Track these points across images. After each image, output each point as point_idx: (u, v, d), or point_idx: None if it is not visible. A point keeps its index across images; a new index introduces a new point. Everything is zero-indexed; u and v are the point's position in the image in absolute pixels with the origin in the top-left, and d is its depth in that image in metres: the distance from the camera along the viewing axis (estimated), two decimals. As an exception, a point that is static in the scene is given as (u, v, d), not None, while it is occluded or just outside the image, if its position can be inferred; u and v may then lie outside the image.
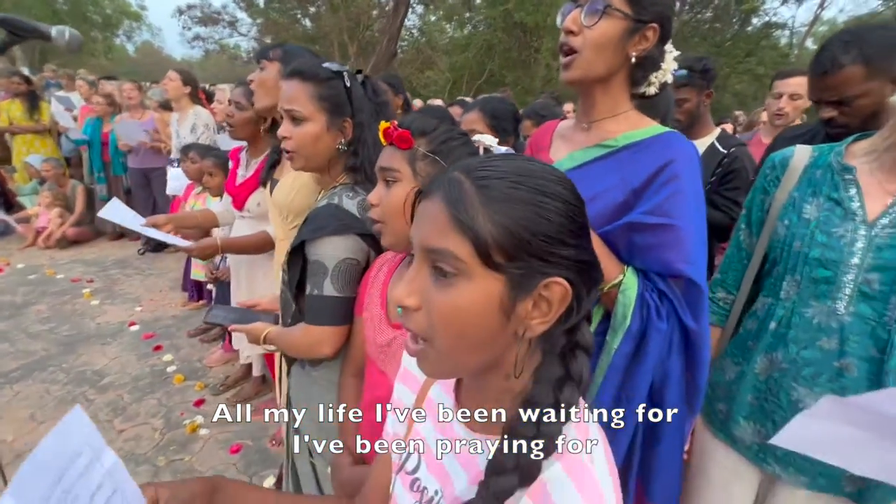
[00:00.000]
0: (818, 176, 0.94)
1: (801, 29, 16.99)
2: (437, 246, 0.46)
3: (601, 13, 0.83)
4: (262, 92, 1.52)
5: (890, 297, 0.83)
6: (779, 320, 0.94)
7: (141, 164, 4.45)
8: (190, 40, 17.26)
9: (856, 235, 0.86)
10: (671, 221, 0.83)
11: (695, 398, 0.92)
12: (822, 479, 0.90)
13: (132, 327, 3.34)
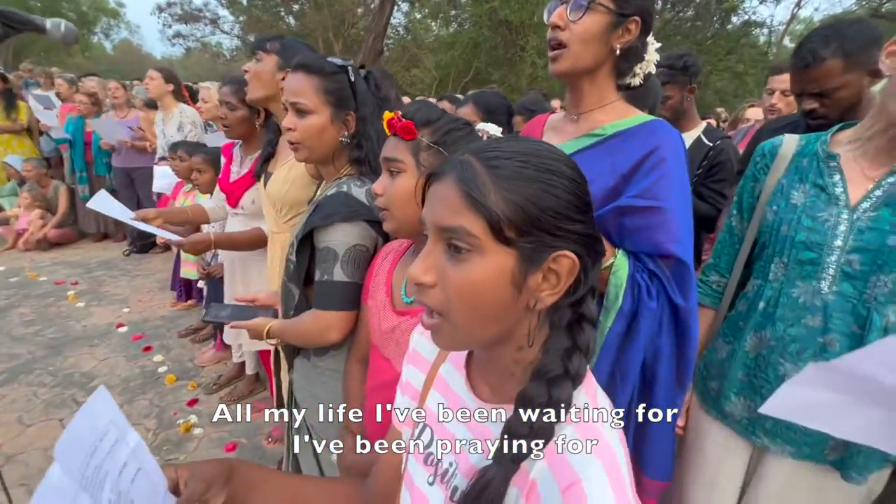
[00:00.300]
0: (805, 164, 0.98)
1: (779, 27, 17.38)
2: (451, 224, 0.49)
3: (585, 8, 0.88)
4: (256, 83, 1.52)
5: (870, 277, 0.88)
6: (767, 300, 0.98)
7: (124, 163, 4.37)
8: (170, 38, 16.91)
9: (839, 219, 0.90)
10: (659, 204, 0.88)
11: (685, 374, 0.96)
12: (807, 448, 0.95)
13: (120, 329, 3.29)
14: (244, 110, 1.83)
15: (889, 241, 0.85)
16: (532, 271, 0.49)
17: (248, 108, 1.83)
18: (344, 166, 1.15)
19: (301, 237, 1.08)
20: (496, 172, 0.48)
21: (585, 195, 0.51)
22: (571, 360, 0.52)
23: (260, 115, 1.87)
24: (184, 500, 0.55)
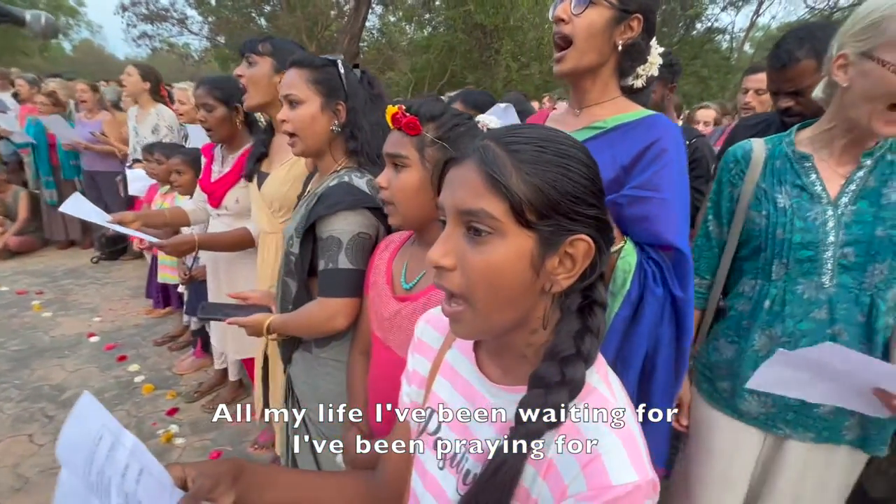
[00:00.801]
0: (778, 165, 1.02)
1: (740, 34, 18.20)
2: (472, 207, 0.49)
3: (588, 2, 0.90)
4: (254, 89, 1.51)
5: (866, 267, 0.93)
6: (773, 299, 1.01)
7: (89, 166, 4.19)
8: (135, 38, 16.30)
9: (826, 217, 0.95)
10: (659, 195, 0.90)
11: (681, 366, 0.98)
12: (826, 432, 1.01)
13: (91, 338, 3.15)
14: (222, 109, 1.79)
15: (877, 233, 0.91)
16: (550, 255, 0.51)
17: (225, 106, 1.79)
18: (341, 158, 1.17)
19: (304, 229, 1.08)
20: (517, 156, 0.49)
21: (599, 181, 0.53)
22: (584, 342, 0.53)
23: (239, 111, 1.84)
24: (191, 496, 0.54)
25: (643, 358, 0.93)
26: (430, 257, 0.53)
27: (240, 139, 1.89)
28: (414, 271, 0.95)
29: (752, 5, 16.55)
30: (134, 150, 3.36)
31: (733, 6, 16.69)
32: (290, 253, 1.15)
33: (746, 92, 2.43)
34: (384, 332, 0.97)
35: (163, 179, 2.59)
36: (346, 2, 16.10)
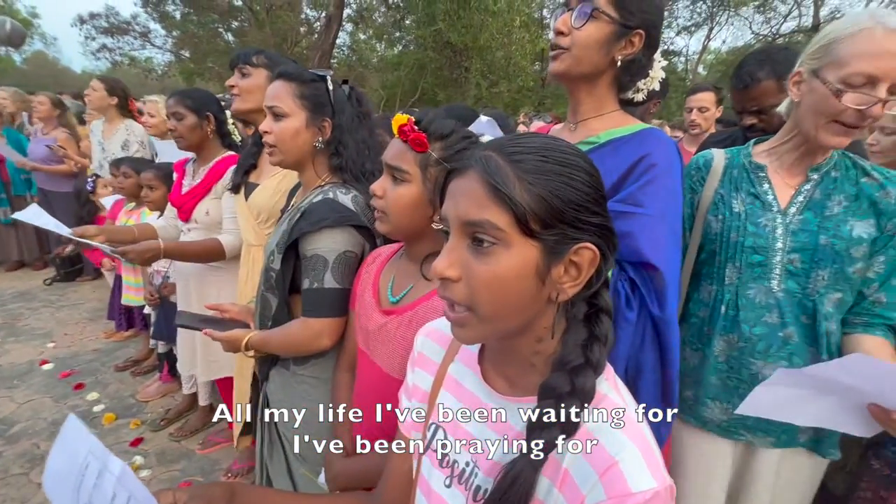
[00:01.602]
0: (736, 174, 1.08)
1: (694, 56, 19.38)
2: (477, 218, 0.49)
3: (589, 16, 0.88)
4: (247, 97, 1.50)
5: (810, 273, 0.97)
6: (727, 304, 1.04)
7: (42, 183, 3.97)
8: (95, 51, 15.73)
9: (775, 224, 1.00)
10: (640, 210, 0.87)
11: (669, 390, 0.92)
12: (784, 436, 1.03)
13: (44, 366, 2.93)
14: (192, 117, 1.76)
15: (821, 241, 0.95)
16: (555, 263, 0.50)
17: (196, 115, 1.75)
18: (324, 173, 1.14)
19: (286, 245, 1.05)
20: (520, 167, 0.49)
21: (602, 188, 0.54)
22: (592, 351, 0.53)
23: (210, 121, 1.80)
24: None
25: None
26: (435, 268, 0.52)
27: (210, 150, 1.84)
28: (401, 285, 0.94)
29: (704, 31, 17.69)
30: (99, 167, 3.18)
31: (687, 31, 17.82)
32: (271, 269, 1.11)
33: (691, 111, 2.60)
34: (370, 345, 0.95)
35: (131, 195, 2.48)
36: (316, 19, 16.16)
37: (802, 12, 15.59)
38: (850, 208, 0.96)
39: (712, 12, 16.80)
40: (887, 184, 0.95)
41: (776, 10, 16.08)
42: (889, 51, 0.82)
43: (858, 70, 0.84)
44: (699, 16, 17.20)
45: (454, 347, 0.69)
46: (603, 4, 0.88)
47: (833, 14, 15.17)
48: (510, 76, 12.87)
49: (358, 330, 0.99)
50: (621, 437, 0.50)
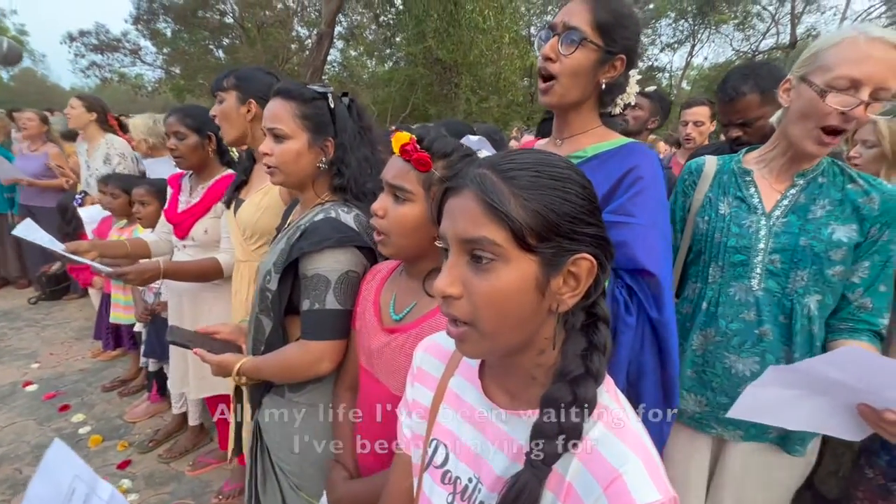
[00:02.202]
0: (725, 179, 1.13)
1: (678, 72, 19.89)
2: (475, 235, 0.50)
3: (577, 44, 0.92)
4: (226, 125, 1.49)
5: (790, 273, 1.01)
6: (709, 300, 1.09)
7: (26, 199, 3.91)
8: (84, 68, 15.70)
9: (759, 225, 1.04)
10: (633, 220, 0.91)
11: (670, 389, 0.95)
12: (753, 430, 1.07)
13: (28, 388, 2.85)
14: (194, 137, 1.75)
15: (801, 242, 1.00)
16: (554, 275, 0.51)
17: (197, 134, 1.75)
18: (324, 192, 1.12)
19: (284, 265, 1.02)
20: (514, 183, 0.50)
21: (595, 199, 0.55)
22: (591, 360, 0.54)
23: (211, 140, 1.79)
24: None
25: (623, 388, 0.93)
26: (436, 287, 0.52)
27: (211, 168, 1.84)
28: (403, 302, 0.93)
29: (687, 47, 18.22)
30: (86, 184, 3.16)
31: (670, 48, 18.33)
32: (267, 289, 1.07)
33: (686, 124, 2.66)
34: (373, 363, 0.93)
35: (120, 212, 2.45)
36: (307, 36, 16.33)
37: (780, 30, 16.17)
38: (832, 212, 1.00)
39: (694, 30, 17.32)
40: (871, 190, 0.99)
41: (755, 28, 16.65)
42: (870, 56, 0.87)
43: (842, 74, 0.89)
44: (681, 33, 17.73)
45: (454, 362, 0.69)
46: (590, 33, 0.92)
47: (809, 32, 15.76)
48: (500, 91, 13.08)
49: (360, 349, 0.97)
50: (624, 448, 0.50)
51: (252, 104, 1.49)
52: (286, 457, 1.09)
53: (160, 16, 15.43)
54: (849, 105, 0.89)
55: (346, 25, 15.23)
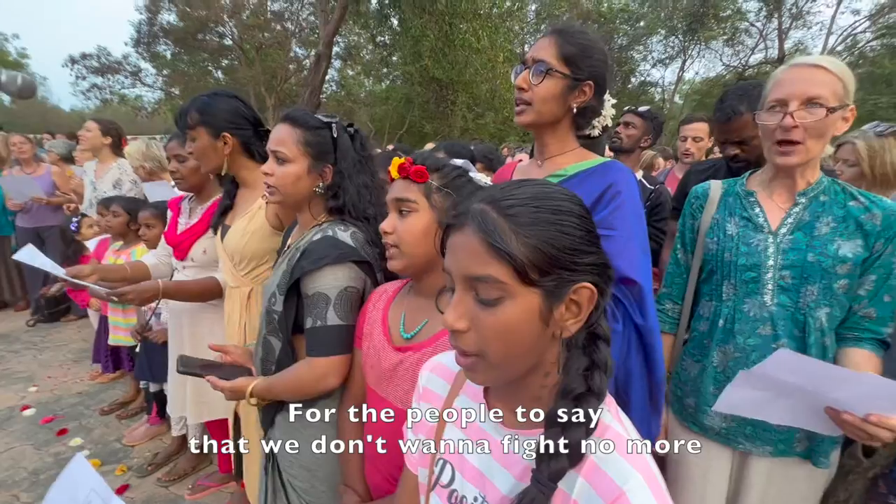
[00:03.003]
0: (731, 201, 1.18)
1: (670, 86, 20.27)
2: (479, 273, 0.52)
3: (544, 74, 1.01)
4: (205, 161, 1.50)
5: (800, 288, 1.04)
6: (725, 318, 1.12)
7: (33, 222, 3.93)
8: (85, 90, 15.92)
9: (766, 243, 1.08)
10: (615, 233, 0.97)
11: (657, 394, 1.01)
12: (781, 445, 1.08)
13: (26, 412, 2.82)
14: (195, 161, 1.78)
15: (809, 258, 1.04)
16: (556, 305, 0.53)
17: None
18: (320, 214, 1.16)
19: (287, 285, 1.05)
20: (514, 220, 0.52)
21: (593, 227, 0.57)
22: (593, 378, 0.55)
23: None
24: None
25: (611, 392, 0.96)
26: (445, 322, 0.54)
27: (210, 189, 1.86)
28: (413, 320, 0.94)
29: (678, 63, 18.58)
30: (90, 205, 3.19)
31: (662, 64, 18.71)
32: (273, 311, 1.10)
33: (685, 140, 2.72)
34: (383, 384, 0.94)
35: (117, 234, 2.46)
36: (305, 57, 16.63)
37: (768, 45, 16.54)
38: (837, 229, 1.04)
39: (684, 46, 17.70)
40: (872, 207, 1.04)
41: (743, 44, 17.04)
42: (785, 80, 1.03)
43: (771, 99, 1.04)
44: (672, 49, 18.11)
45: (459, 382, 0.70)
46: (556, 64, 1.01)
47: (797, 46, 16.12)
48: (495, 108, 13.28)
49: (367, 370, 0.99)
50: (627, 467, 0.51)
51: (227, 137, 1.48)
52: (298, 474, 1.11)
53: (160, 39, 15.73)
54: (775, 119, 1.02)
55: (344, 46, 15.54)
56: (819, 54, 10.93)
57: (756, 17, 16.09)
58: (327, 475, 1.06)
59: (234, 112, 1.49)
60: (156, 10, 15.09)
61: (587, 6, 16.15)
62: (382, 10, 12.29)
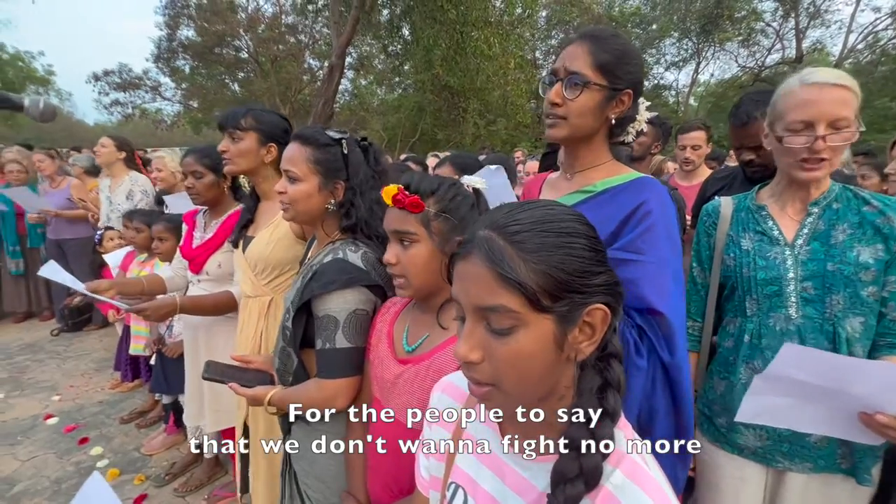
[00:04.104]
0: (743, 216, 1.17)
1: (684, 89, 20.00)
2: (490, 304, 0.51)
3: (581, 88, 0.93)
4: (241, 160, 1.54)
5: (825, 299, 1.02)
6: (751, 333, 1.09)
7: (55, 234, 4.07)
8: (108, 106, 16.45)
9: (784, 256, 1.06)
10: (642, 258, 0.88)
11: (684, 430, 0.92)
12: (822, 461, 1.04)
13: (49, 420, 2.90)
14: (211, 176, 1.82)
15: (829, 268, 1.01)
16: (570, 328, 0.52)
17: (213, 173, 1.81)
18: (334, 232, 1.17)
19: (298, 304, 1.06)
20: (521, 247, 0.51)
21: (601, 246, 0.56)
22: (607, 399, 0.54)
23: (226, 178, 1.86)
24: None
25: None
26: (457, 354, 0.53)
27: (224, 204, 1.90)
28: (415, 334, 0.95)
29: (693, 65, 18.34)
30: (107, 219, 3.31)
31: (675, 66, 18.49)
32: (286, 326, 1.13)
33: (684, 149, 2.69)
34: (386, 395, 0.95)
35: (142, 246, 2.53)
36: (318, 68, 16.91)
37: (785, 45, 16.24)
38: (854, 235, 1.02)
39: (698, 48, 17.48)
40: (887, 210, 1.02)
41: (759, 45, 16.75)
42: (809, 100, 0.99)
43: (794, 119, 1.01)
44: (686, 51, 17.89)
45: (471, 404, 0.69)
46: (592, 75, 0.93)
47: (815, 46, 15.79)
48: (507, 114, 13.27)
49: (373, 380, 1.00)
50: (644, 497, 0.50)
51: (273, 148, 1.55)
52: (312, 483, 1.12)
53: (179, 53, 16.18)
54: (806, 143, 0.99)
55: (356, 56, 15.74)
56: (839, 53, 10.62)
57: (772, 17, 15.82)
58: (340, 487, 1.07)
59: (283, 128, 1.58)
60: (175, 26, 15.54)
61: (598, 11, 16.08)
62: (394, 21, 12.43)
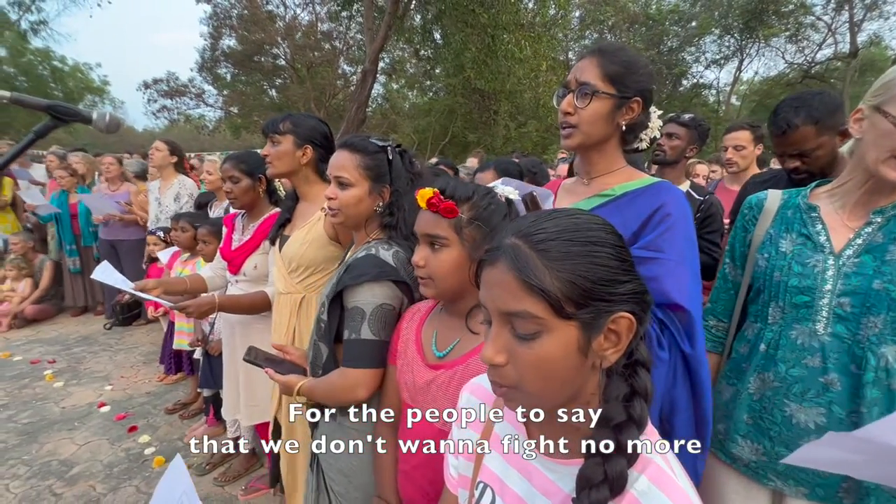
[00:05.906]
0: (790, 215, 1.06)
1: (726, 88, 19.20)
2: (515, 309, 0.52)
3: (591, 97, 0.98)
4: (279, 163, 1.62)
5: (861, 318, 0.92)
6: (768, 342, 1.03)
7: (110, 235, 4.35)
8: (156, 112, 17.42)
9: (826, 265, 0.96)
10: (663, 256, 0.94)
11: (703, 426, 0.95)
12: (821, 490, 0.96)
13: (102, 409, 3.10)
14: (247, 180, 1.91)
15: (874, 285, 0.91)
16: (595, 336, 0.53)
17: (250, 178, 1.91)
18: (374, 231, 1.23)
19: (332, 297, 1.12)
20: (546, 255, 0.52)
21: (628, 255, 0.56)
22: (633, 406, 0.55)
23: (262, 182, 1.95)
24: None
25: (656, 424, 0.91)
26: (483, 356, 0.55)
27: (260, 207, 1.99)
28: (445, 339, 0.97)
29: (735, 62, 17.59)
30: (156, 220, 3.52)
31: (716, 64, 17.79)
32: (321, 319, 1.18)
33: (726, 149, 2.60)
34: (418, 399, 0.96)
35: (186, 247, 2.68)
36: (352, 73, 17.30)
37: (838, 39, 15.33)
38: None
39: (741, 45, 16.75)
40: None
41: (809, 39, 15.88)
42: None
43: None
44: (728, 49, 17.18)
45: (499, 405, 0.71)
46: (601, 85, 0.98)
47: (872, 39, 14.81)
48: (538, 116, 13.15)
49: (402, 386, 1.01)
50: (665, 500, 0.50)
51: (308, 149, 1.63)
52: (336, 477, 1.16)
53: (221, 62, 16.94)
54: None
55: (389, 61, 16.01)
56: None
57: (823, 10, 14.99)
58: (363, 484, 1.10)
59: (319, 131, 1.67)
60: (218, 35, 16.30)
61: (634, 9, 15.70)
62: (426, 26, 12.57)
